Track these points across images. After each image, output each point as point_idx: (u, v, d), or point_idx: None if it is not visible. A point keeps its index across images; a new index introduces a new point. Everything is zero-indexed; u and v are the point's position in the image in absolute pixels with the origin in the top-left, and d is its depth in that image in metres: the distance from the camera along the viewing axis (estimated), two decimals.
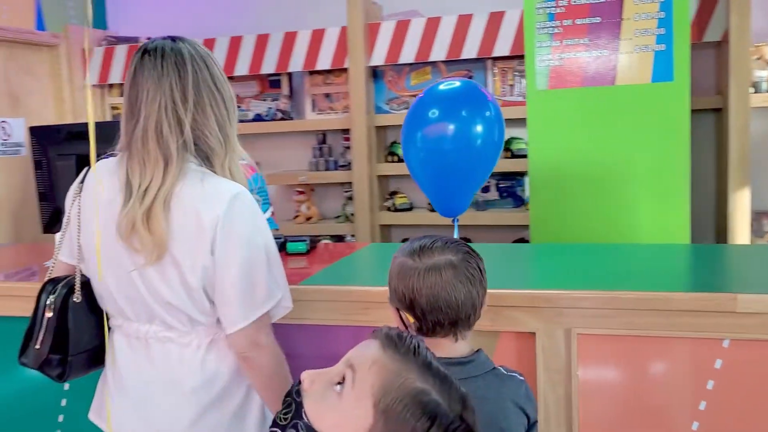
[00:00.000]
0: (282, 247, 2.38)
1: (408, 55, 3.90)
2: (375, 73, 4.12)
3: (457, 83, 1.83)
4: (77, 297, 1.59)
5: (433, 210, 4.09)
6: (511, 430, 1.35)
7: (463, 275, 1.35)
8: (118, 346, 1.63)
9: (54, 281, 1.62)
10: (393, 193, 4.24)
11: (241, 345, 1.53)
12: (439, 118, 1.72)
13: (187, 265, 1.49)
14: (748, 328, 1.63)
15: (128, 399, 1.60)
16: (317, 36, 4.05)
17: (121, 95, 4.54)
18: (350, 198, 4.22)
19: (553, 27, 2.83)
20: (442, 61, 3.96)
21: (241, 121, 4.43)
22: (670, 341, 1.70)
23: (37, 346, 1.59)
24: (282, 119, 4.30)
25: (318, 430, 1.01)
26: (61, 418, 2.20)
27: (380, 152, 4.20)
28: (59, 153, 2.26)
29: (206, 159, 1.55)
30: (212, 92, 1.57)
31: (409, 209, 4.18)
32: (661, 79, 2.72)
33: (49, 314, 1.58)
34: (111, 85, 4.63)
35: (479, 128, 1.70)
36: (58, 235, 1.68)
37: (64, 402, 2.20)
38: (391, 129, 4.26)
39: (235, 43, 4.19)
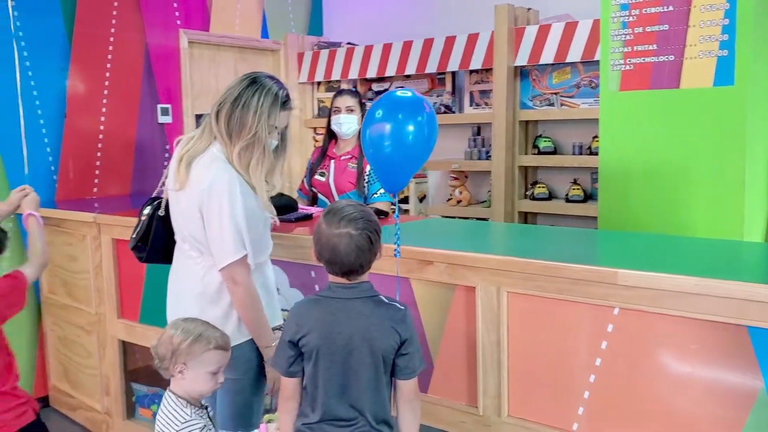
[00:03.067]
0: None
1: (548, 56, 4.26)
2: (522, 73, 4.52)
3: (409, 93, 2.33)
4: (161, 212, 2.41)
5: (569, 200, 4.41)
6: (380, 340, 1.87)
7: (355, 246, 1.85)
8: (174, 254, 2.43)
9: (153, 199, 2.47)
10: (535, 183, 4.61)
11: (224, 278, 2.24)
12: (383, 118, 2.23)
13: (188, 214, 2.25)
14: (631, 299, 1.92)
15: (172, 293, 2.41)
16: (472, 39, 4.57)
17: (327, 91, 5.51)
18: None
19: (625, 34, 3.07)
20: (580, 62, 4.24)
21: None
22: (575, 305, 2.03)
23: (134, 236, 2.47)
24: (444, 112, 4.90)
25: None
26: None
27: (527, 145, 4.60)
28: None
29: (230, 136, 2.25)
30: (259, 107, 2.25)
31: (548, 199, 4.53)
32: (722, 83, 2.84)
33: (144, 218, 2.44)
34: (318, 83, 5.60)
35: (411, 128, 2.20)
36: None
37: None
38: (537, 123, 4.64)
39: (407, 46, 4.88)
